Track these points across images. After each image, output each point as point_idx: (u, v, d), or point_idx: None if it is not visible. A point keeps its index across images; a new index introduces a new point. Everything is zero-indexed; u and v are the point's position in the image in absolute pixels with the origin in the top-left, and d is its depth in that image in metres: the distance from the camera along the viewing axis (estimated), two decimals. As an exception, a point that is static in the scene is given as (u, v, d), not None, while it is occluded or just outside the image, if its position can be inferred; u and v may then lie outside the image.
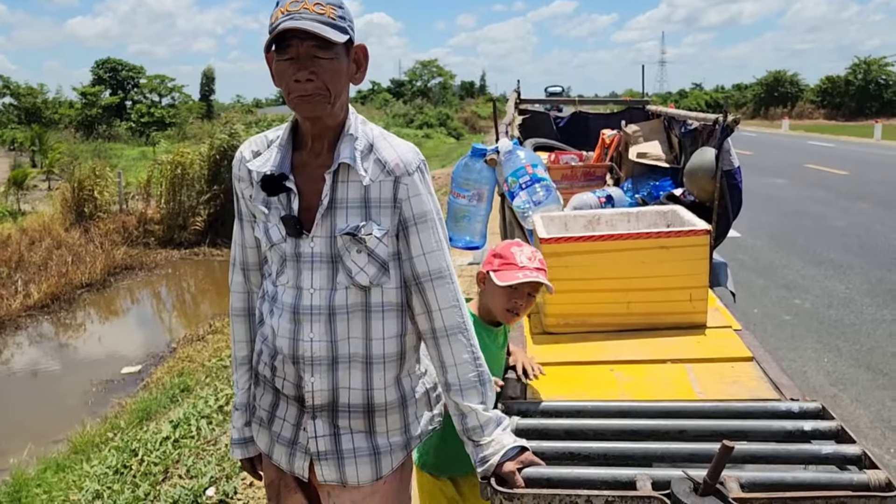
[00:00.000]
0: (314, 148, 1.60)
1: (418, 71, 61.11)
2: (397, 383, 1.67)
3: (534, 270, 1.98)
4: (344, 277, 1.58)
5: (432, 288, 1.61)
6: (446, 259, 1.64)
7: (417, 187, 1.59)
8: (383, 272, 1.59)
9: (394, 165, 1.57)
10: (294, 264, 1.60)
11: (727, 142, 3.14)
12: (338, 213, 1.57)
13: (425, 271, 1.61)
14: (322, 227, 1.57)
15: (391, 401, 1.66)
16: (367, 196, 1.56)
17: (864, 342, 5.16)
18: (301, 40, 1.45)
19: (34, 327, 10.18)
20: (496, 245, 2.12)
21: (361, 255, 1.57)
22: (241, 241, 1.75)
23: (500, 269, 2.00)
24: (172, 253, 13.92)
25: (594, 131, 5.17)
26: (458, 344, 1.62)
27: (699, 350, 2.36)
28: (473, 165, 3.14)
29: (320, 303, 1.58)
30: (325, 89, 1.48)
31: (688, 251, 2.51)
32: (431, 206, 1.62)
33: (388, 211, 1.57)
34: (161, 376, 7.70)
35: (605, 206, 3.90)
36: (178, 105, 40.24)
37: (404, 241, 1.60)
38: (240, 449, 1.87)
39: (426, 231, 1.60)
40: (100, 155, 22.48)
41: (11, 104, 36.50)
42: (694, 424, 1.77)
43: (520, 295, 2.00)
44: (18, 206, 16.63)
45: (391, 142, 1.61)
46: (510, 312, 2.01)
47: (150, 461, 4.44)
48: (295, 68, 1.47)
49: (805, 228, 9.34)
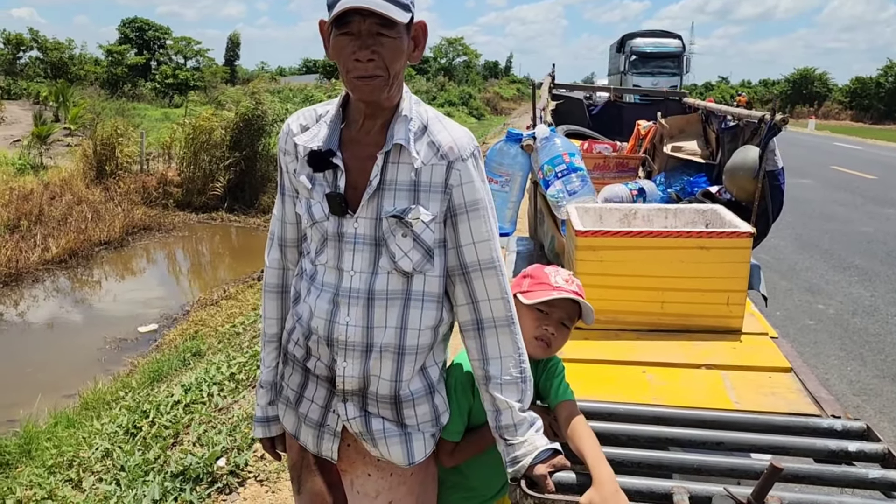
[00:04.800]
0: (365, 125, 1.54)
1: (444, 48, 60.63)
2: (423, 372, 1.63)
3: (570, 292, 1.71)
4: (387, 262, 1.52)
5: (481, 278, 1.55)
6: (496, 250, 1.57)
7: (471, 173, 1.52)
8: (428, 259, 1.53)
9: (448, 149, 1.50)
10: (335, 244, 1.55)
11: (773, 141, 3.04)
12: (385, 194, 1.50)
13: (474, 261, 1.54)
14: (368, 209, 1.51)
15: (416, 390, 1.61)
16: (418, 179, 1.50)
17: (890, 353, 5.06)
18: (364, 17, 1.38)
19: (51, 281, 10.25)
20: (527, 268, 1.86)
21: (407, 240, 1.50)
22: (280, 216, 1.69)
23: (530, 289, 1.73)
24: (190, 216, 13.95)
25: (628, 121, 5.05)
26: (505, 337, 1.56)
27: (735, 357, 2.29)
28: (508, 150, 3.06)
29: (360, 286, 1.53)
30: (384, 69, 1.42)
31: (728, 253, 2.43)
32: (484, 195, 1.55)
33: (437, 196, 1.51)
34: (174, 338, 7.73)
35: (636, 199, 3.80)
36: (203, 69, 40.16)
37: (452, 228, 1.53)
38: (262, 428, 1.82)
39: (477, 219, 1.53)
40: (123, 113, 22.51)
41: (38, 58, 36.56)
42: (732, 437, 1.71)
43: (551, 321, 1.70)
44: (41, 159, 16.70)
45: (446, 125, 1.55)
46: (539, 341, 1.70)
47: (161, 424, 4.44)
48: (356, 45, 1.40)
49: (830, 231, 9.18)
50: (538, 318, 1.70)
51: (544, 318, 1.70)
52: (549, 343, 1.71)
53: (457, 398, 1.68)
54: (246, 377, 5.13)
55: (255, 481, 3.51)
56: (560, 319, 1.71)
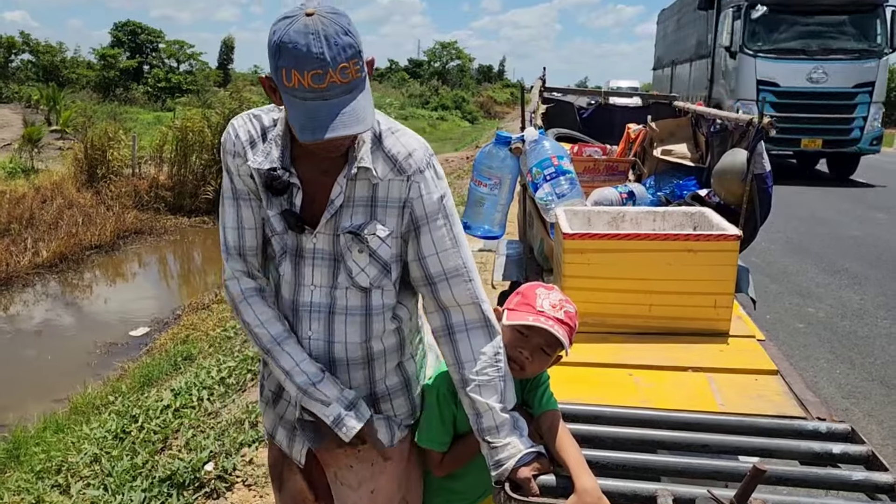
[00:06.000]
0: None
1: (437, 52, 60.72)
2: (399, 368, 1.65)
3: (551, 319, 1.61)
4: (345, 277, 1.52)
5: (448, 287, 1.54)
6: (463, 257, 1.55)
7: (429, 184, 1.51)
8: (385, 274, 1.53)
9: (405, 164, 1.49)
10: (293, 258, 1.54)
11: (760, 144, 3.05)
12: (343, 210, 1.50)
13: (439, 271, 1.53)
14: (327, 225, 1.50)
15: (393, 385, 1.64)
16: (375, 195, 1.49)
17: (878, 356, 5.07)
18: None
19: (42, 285, 10.20)
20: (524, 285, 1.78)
21: (363, 256, 1.50)
22: (235, 223, 1.56)
23: (516, 307, 1.67)
24: (182, 220, 13.92)
25: (618, 125, 5.06)
26: (477, 338, 1.55)
27: (722, 360, 2.29)
28: (497, 153, 3.06)
29: (321, 300, 1.53)
30: (351, 139, 1.43)
31: (716, 256, 2.43)
32: (444, 204, 1.53)
33: (395, 211, 1.50)
34: (165, 342, 7.70)
35: (626, 202, 3.81)
36: (196, 72, 40.07)
37: (415, 240, 1.52)
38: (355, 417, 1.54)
39: (438, 229, 1.52)
40: (115, 117, 22.43)
41: (30, 61, 36.41)
42: (717, 439, 1.71)
43: (528, 344, 1.63)
44: (32, 163, 16.63)
45: (399, 137, 1.52)
46: (513, 363, 1.62)
47: (150, 429, 4.42)
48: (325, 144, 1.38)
49: (820, 235, 9.21)
50: (517, 340, 1.64)
51: (522, 341, 1.64)
52: (522, 366, 1.64)
53: (440, 409, 1.67)
54: (236, 381, 5.11)
55: (244, 486, 3.49)
56: (538, 345, 1.64)
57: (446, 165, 18.57)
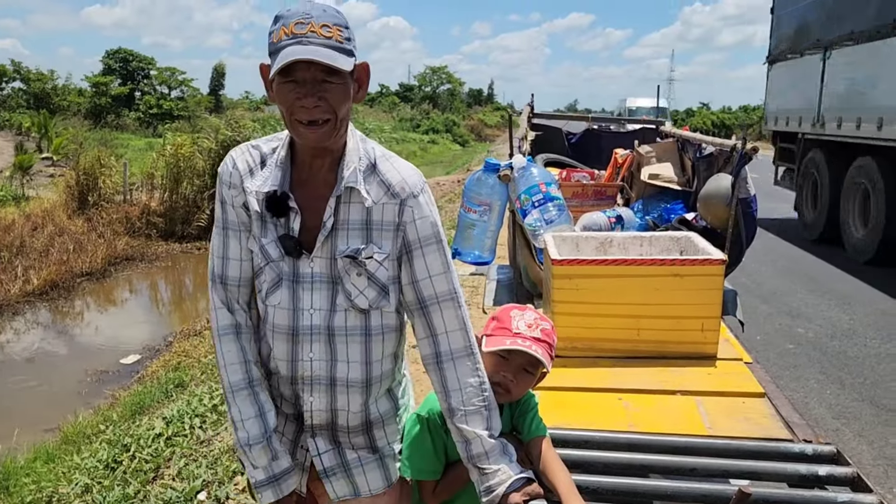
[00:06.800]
0: (314, 167, 1.55)
1: (428, 76, 61.25)
2: (389, 394, 1.69)
3: (529, 339, 1.63)
4: (343, 300, 1.55)
5: (439, 310, 1.57)
6: (453, 282, 1.59)
7: (423, 209, 1.55)
8: (383, 295, 1.56)
9: (399, 188, 1.53)
10: (290, 284, 1.56)
11: (744, 169, 3.11)
12: (339, 234, 1.53)
13: (431, 294, 1.56)
14: (323, 249, 1.54)
15: (385, 411, 1.67)
16: (370, 218, 1.53)
17: (868, 376, 5.11)
18: (308, 65, 1.39)
19: (32, 313, 10.13)
20: (498, 308, 1.82)
21: (361, 279, 1.54)
22: (221, 254, 1.60)
23: (492, 332, 1.69)
24: (174, 246, 13.87)
25: (606, 149, 5.13)
26: (464, 367, 1.57)
27: (710, 383, 2.32)
28: (486, 180, 3.11)
29: (319, 323, 1.56)
30: (332, 113, 1.44)
31: (702, 280, 2.47)
32: (436, 229, 1.58)
33: (390, 234, 1.54)
34: (156, 369, 7.65)
35: (614, 226, 3.87)
36: (187, 98, 40.25)
37: (408, 264, 1.56)
38: (272, 489, 1.59)
39: (432, 254, 1.56)
40: (106, 144, 22.45)
41: (21, 89, 36.49)
42: (704, 462, 1.73)
43: (510, 367, 1.65)
44: (23, 190, 16.60)
45: (394, 163, 1.57)
46: (498, 387, 1.63)
47: (142, 458, 4.39)
48: (302, 93, 1.41)
49: (809, 255, 9.29)
50: (498, 364, 1.65)
51: (504, 365, 1.65)
52: (508, 389, 1.66)
53: (432, 437, 1.69)
54: (228, 408, 5.09)
55: (237, 515, 3.48)
56: (520, 366, 1.65)
57: (437, 189, 18.65)
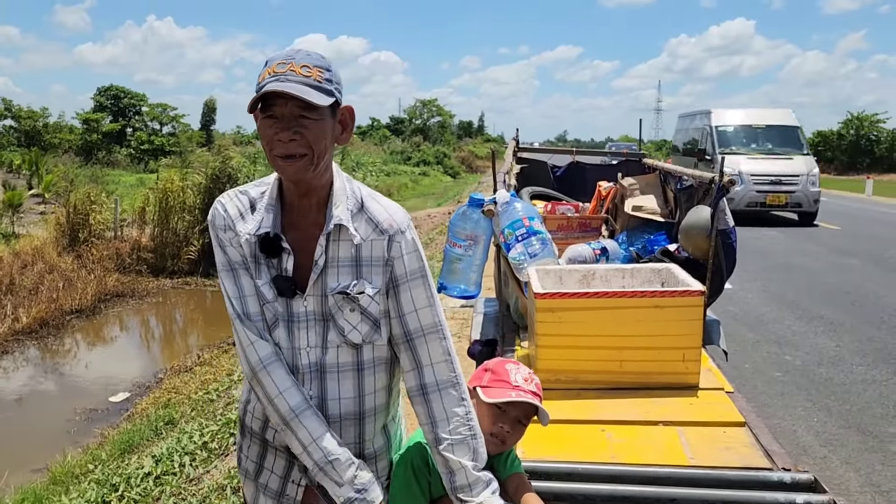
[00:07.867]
0: (301, 207, 1.60)
1: (418, 109, 61.79)
2: (384, 430, 1.71)
3: (528, 393, 1.73)
4: (335, 336, 1.58)
5: (424, 343, 1.61)
6: (438, 315, 1.64)
7: (410, 245, 1.61)
8: (375, 329, 1.60)
9: (387, 225, 1.59)
10: (286, 324, 1.60)
11: (722, 201, 3.18)
12: (329, 271, 1.57)
13: (417, 327, 1.61)
14: (315, 287, 1.58)
15: (379, 447, 1.69)
16: (359, 255, 1.58)
17: (855, 402, 5.15)
18: (286, 101, 1.45)
19: (21, 352, 10.07)
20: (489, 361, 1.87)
21: (354, 314, 1.58)
22: (238, 293, 1.59)
23: (489, 384, 1.75)
24: (164, 282, 13.85)
25: (591, 182, 5.21)
26: (450, 398, 1.60)
27: (691, 413, 2.36)
28: (471, 215, 3.16)
29: (312, 360, 1.59)
30: (308, 148, 1.48)
31: (682, 311, 2.52)
32: (422, 263, 1.63)
33: (379, 269, 1.59)
34: (146, 407, 7.60)
35: (599, 258, 3.92)
36: (179, 134, 40.46)
37: (395, 298, 1.60)
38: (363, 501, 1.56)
39: (417, 287, 1.61)
40: (97, 180, 22.50)
41: (12, 126, 36.62)
42: (685, 493, 1.77)
43: (507, 419, 1.72)
44: (13, 228, 16.58)
45: (380, 202, 1.64)
46: (494, 438, 1.70)
47: (131, 497, 4.37)
48: (278, 128, 1.47)
49: (796, 283, 9.38)
50: (495, 416, 1.72)
51: (501, 416, 1.72)
52: (503, 440, 1.72)
53: (416, 478, 1.71)
54: (218, 446, 5.07)
55: (226, 554, 3.46)
56: (517, 418, 1.73)
57: (428, 220, 18.74)
